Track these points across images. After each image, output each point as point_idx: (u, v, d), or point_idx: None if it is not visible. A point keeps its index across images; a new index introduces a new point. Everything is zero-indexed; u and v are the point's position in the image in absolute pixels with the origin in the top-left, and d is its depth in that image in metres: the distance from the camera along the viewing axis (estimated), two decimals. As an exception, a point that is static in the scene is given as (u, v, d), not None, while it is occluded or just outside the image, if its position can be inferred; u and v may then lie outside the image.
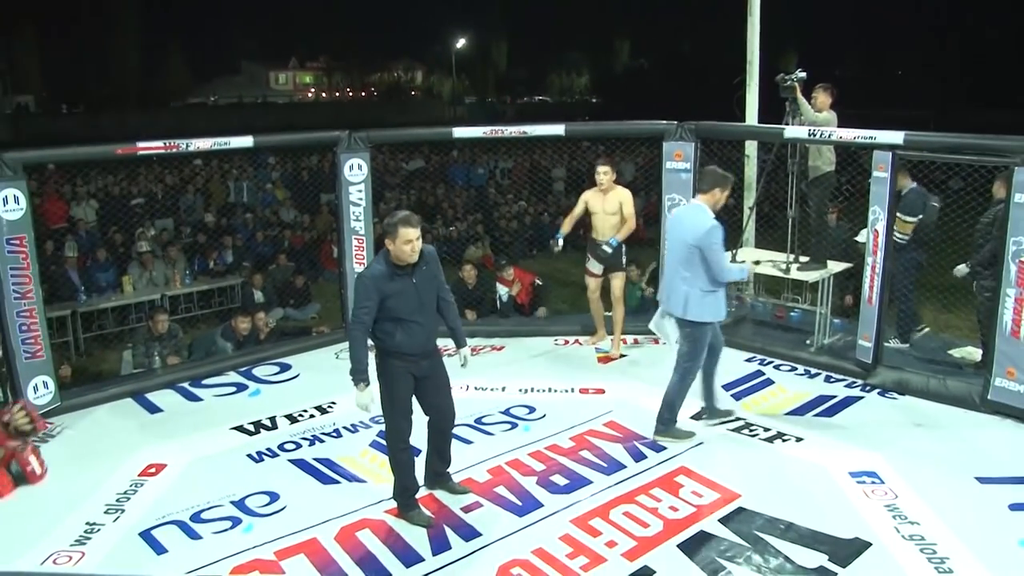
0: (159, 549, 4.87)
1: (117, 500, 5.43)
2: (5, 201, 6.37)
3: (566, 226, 7.98)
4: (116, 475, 5.76)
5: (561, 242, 7.96)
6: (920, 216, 7.44)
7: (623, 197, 7.71)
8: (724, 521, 5.02)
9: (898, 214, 7.19)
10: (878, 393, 6.95)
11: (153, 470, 5.85)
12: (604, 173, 7.68)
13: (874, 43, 50.07)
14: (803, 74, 7.61)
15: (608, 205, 7.71)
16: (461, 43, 63.17)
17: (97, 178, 15.83)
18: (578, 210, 7.92)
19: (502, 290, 9.55)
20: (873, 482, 5.43)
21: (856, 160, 9.23)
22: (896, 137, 6.75)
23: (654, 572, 4.53)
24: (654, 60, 61.83)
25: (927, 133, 6.91)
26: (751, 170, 9.08)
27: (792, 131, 7.49)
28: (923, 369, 7.11)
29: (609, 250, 7.72)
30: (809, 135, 7.36)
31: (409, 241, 4.72)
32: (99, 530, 5.05)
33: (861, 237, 7.62)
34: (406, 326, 4.83)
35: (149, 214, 13.59)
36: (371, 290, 4.77)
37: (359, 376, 4.85)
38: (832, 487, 5.42)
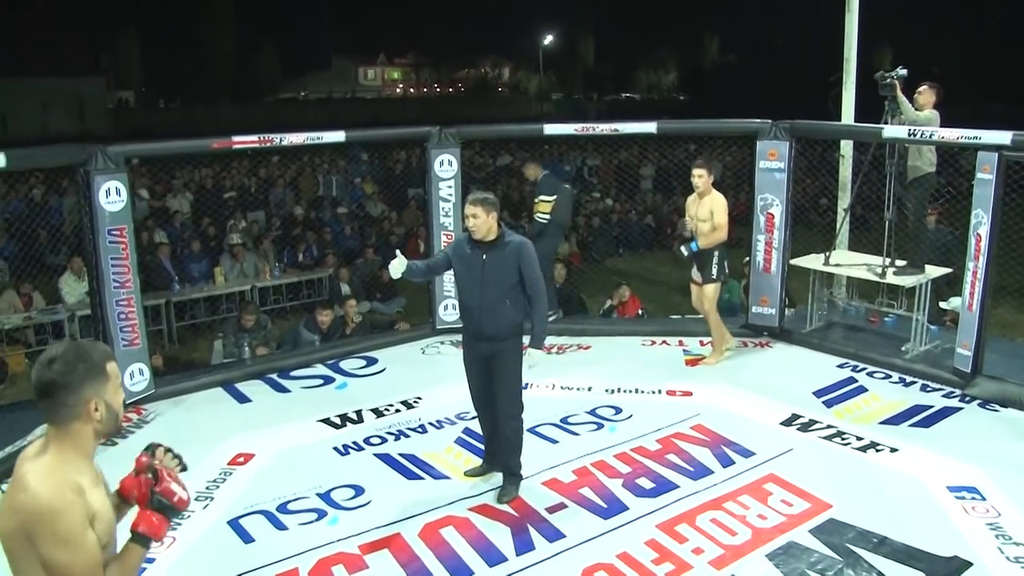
0: (247, 538, 4.95)
1: (207, 488, 5.52)
2: (107, 193, 6.52)
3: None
4: (206, 463, 5.85)
5: (693, 248, 7.41)
6: (556, 195, 8.38)
7: (715, 204, 7.29)
8: (815, 532, 4.87)
9: (540, 197, 8.46)
10: (978, 404, 6.67)
11: (242, 459, 5.95)
12: (699, 176, 7.31)
13: (973, 39, 48.43)
14: (904, 71, 7.35)
15: (701, 211, 7.38)
16: (548, 39, 63.08)
17: (193, 171, 16.24)
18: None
19: (608, 303, 9.55)
20: (973, 498, 5.20)
21: (954, 161, 8.88)
22: (1003, 137, 6.46)
23: (742, 582, 4.43)
24: (743, 57, 60.76)
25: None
26: (846, 170, 8.83)
27: (891, 130, 7.23)
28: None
29: (685, 252, 7.44)
30: (909, 135, 7.11)
31: (467, 216, 5.03)
32: (189, 517, 5.13)
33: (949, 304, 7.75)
34: (463, 298, 5.20)
35: (241, 206, 13.87)
36: (449, 247, 5.39)
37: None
38: (929, 501, 5.21)
